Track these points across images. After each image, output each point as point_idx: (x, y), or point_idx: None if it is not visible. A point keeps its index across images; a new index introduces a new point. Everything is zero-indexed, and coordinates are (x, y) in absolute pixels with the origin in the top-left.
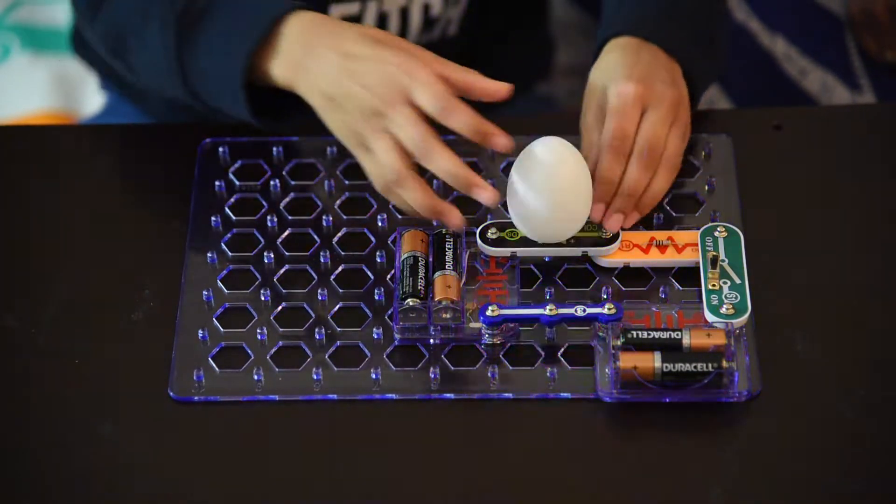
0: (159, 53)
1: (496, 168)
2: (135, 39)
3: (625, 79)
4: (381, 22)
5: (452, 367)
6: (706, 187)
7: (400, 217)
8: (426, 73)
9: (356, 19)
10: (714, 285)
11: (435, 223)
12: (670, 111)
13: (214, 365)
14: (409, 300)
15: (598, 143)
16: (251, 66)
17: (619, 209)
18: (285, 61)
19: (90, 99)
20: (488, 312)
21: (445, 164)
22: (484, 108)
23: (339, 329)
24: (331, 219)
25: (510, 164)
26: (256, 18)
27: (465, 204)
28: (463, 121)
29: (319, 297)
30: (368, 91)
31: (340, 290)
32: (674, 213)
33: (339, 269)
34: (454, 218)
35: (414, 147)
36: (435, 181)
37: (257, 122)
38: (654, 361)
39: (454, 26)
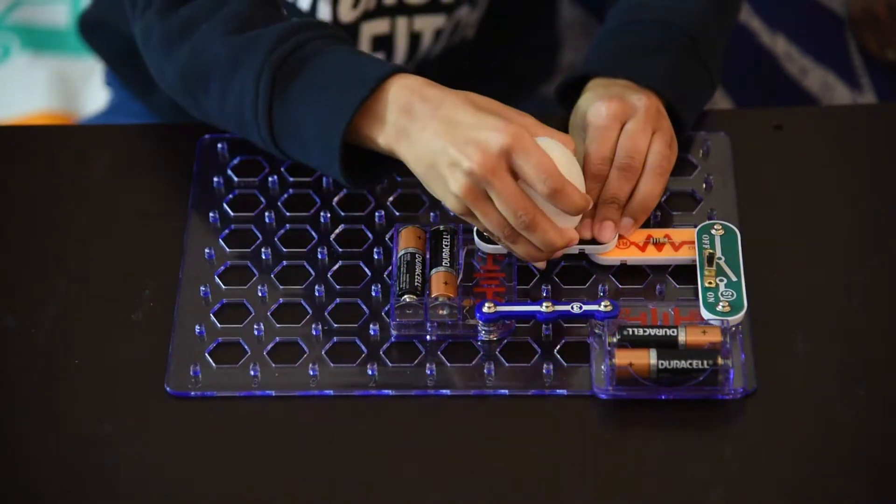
0: (247, 101)
1: None
2: (219, 84)
3: (600, 100)
4: (414, 38)
5: (449, 364)
6: (704, 185)
7: (398, 214)
8: (533, 143)
9: (388, 38)
10: (710, 283)
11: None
12: (648, 120)
13: (211, 360)
14: (405, 297)
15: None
16: (347, 131)
17: (604, 218)
18: (388, 128)
19: (90, 99)
20: (485, 309)
21: (545, 236)
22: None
23: (335, 325)
24: (328, 215)
25: None
26: (360, 79)
27: None
28: (569, 204)
29: (317, 293)
30: (471, 160)
31: (338, 287)
32: (671, 211)
33: (337, 265)
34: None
35: (516, 221)
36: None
37: (347, 181)
38: (649, 358)
39: (472, 30)
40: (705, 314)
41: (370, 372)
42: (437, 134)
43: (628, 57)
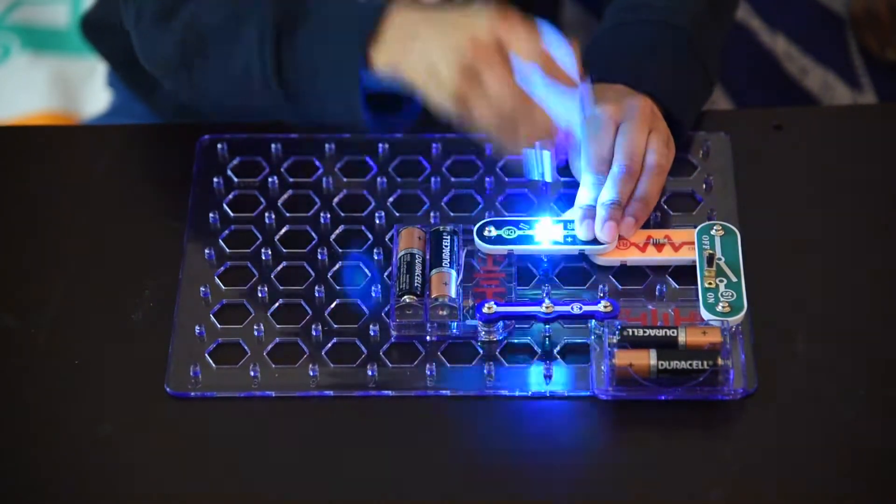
0: (254, 54)
1: (494, 166)
2: (221, 45)
3: (596, 105)
4: None
5: (448, 365)
6: (704, 186)
7: (398, 214)
8: (526, 27)
9: None
10: (710, 283)
11: (434, 221)
12: (644, 120)
13: (211, 361)
14: (405, 297)
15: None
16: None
17: (607, 218)
18: (389, 49)
19: (91, 99)
20: (485, 310)
21: (534, 120)
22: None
23: (335, 326)
24: (328, 216)
25: (508, 162)
26: (363, 13)
27: (465, 202)
28: (558, 73)
29: (317, 294)
30: (464, 54)
31: (337, 287)
32: (671, 212)
33: (337, 266)
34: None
35: (511, 107)
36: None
37: (368, 116)
38: (649, 359)
39: None
40: (705, 315)
41: (370, 372)
42: (431, 37)
43: (624, 59)
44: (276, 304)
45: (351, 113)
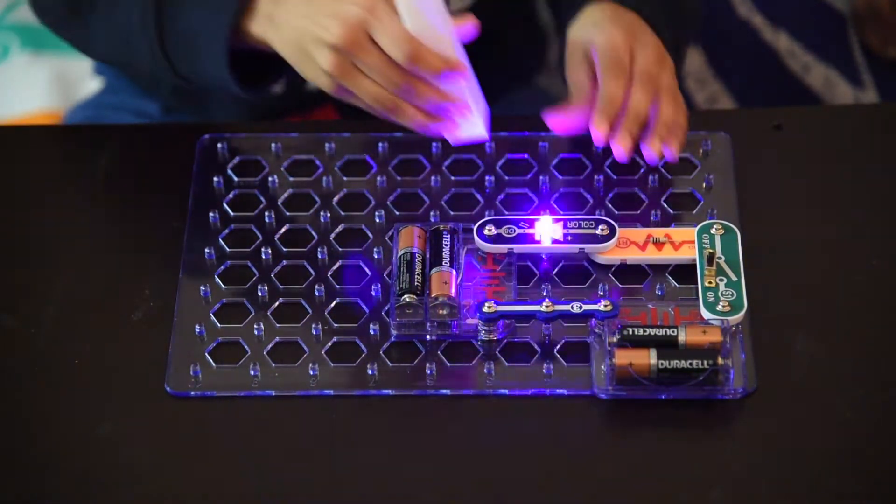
0: (135, 13)
1: (494, 164)
2: (105, 1)
3: (610, 26)
4: None
5: (448, 364)
6: (704, 185)
7: (398, 213)
8: (387, 12)
9: None
10: (710, 282)
11: (435, 220)
12: (657, 54)
13: (211, 360)
14: (405, 296)
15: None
16: (234, 25)
17: (625, 129)
18: (258, 17)
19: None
20: (485, 309)
21: (427, 97)
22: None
23: (335, 325)
24: (328, 215)
25: (509, 161)
26: None
27: (465, 201)
28: (430, 66)
29: (316, 293)
30: (333, 35)
31: (337, 286)
32: (671, 211)
33: (337, 265)
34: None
35: (391, 88)
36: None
37: (236, 85)
38: (649, 358)
39: None
40: (705, 314)
41: (370, 372)
42: (300, 14)
43: None
44: (276, 304)
45: (222, 78)
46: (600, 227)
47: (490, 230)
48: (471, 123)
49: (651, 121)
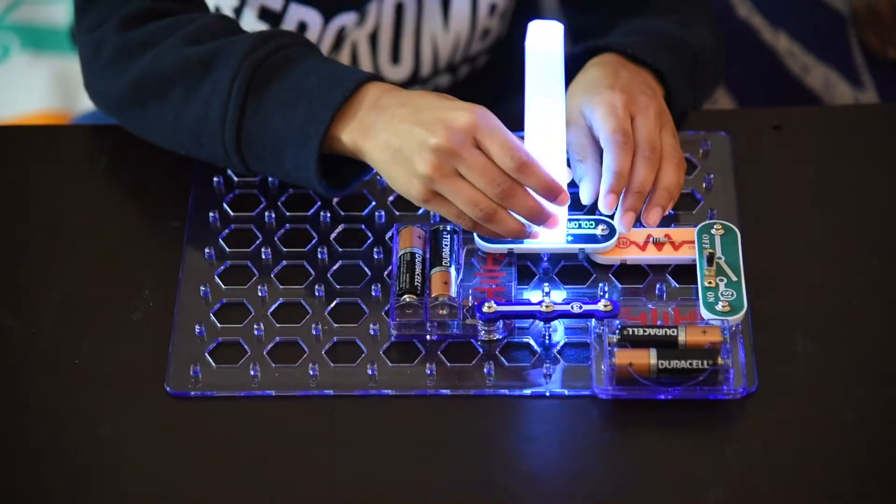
0: (215, 103)
1: None
2: (183, 89)
3: (609, 89)
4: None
5: (448, 364)
6: (704, 185)
7: (398, 213)
8: (497, 121)
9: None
10: (710, 283)
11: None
12: (657, 116)
13: (211, 360)
14: (405, 296)
15: (593, 155)
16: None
17: (631, 207)
18: (356, 125)
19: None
20: (485, 309)
21: (526, 202)
22: (494, 102)
23: (335, 325)
24: (328, 215)
25: None
26: (339, 82)
27: None
28: (537, 181)
29: (316, 293)
30: (438, 137)
31: (337, 287)
32: (671, 211)
33: (337, 265)
34: (553, 221)
35: (493, 191)
36: None
37: (324, 186)
38: (649, 358)
39: (483, 58)
40: (705, 314)
41: (370, 372)
42: (404, 119)
43: (649, 43)
44: (276, 304)
45: (306, 180)
46: (600, 227)
47: None
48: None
49: (653, 187)
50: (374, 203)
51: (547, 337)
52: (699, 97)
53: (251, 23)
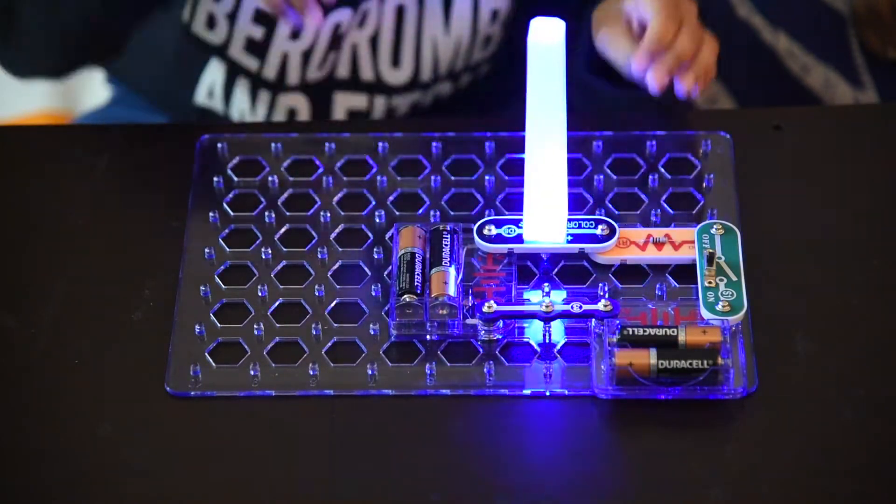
0: None
1: (494, 164)
2: None
3: None
4: (390, 111)
5: (448, 364)
6: (704, 185)
7: (398, 214)
8: None
9: (365, 112)
10: (710, 283)
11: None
12: (699, 25)
13: (211, 360)
14: (405, 296)
15: (630, 40)
16: None
17: (667, 67)
18: None
19: (90, 98)
20: (484, 309)
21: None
22: (496, 110)
23: (335, 325)
24: (328, 215)
25: (509, 161)
26: None
27: (465, 201)
28: None
29: (316, 293)
30: None
31: (337, 286)
32: (671, 211)
33: (337, 264)
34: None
35: None
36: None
37: None
38: (649, 358)
39: (485, 67)
40: (705, 314)
41: (370, 372)
42: None
43: None
44: (276, 304)
45: None
46: (600, 227)
47: (490, 230)
48: (552, 229)
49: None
50: (374, 203)
51: (547, 337)
52: None
53: (248, 16)
